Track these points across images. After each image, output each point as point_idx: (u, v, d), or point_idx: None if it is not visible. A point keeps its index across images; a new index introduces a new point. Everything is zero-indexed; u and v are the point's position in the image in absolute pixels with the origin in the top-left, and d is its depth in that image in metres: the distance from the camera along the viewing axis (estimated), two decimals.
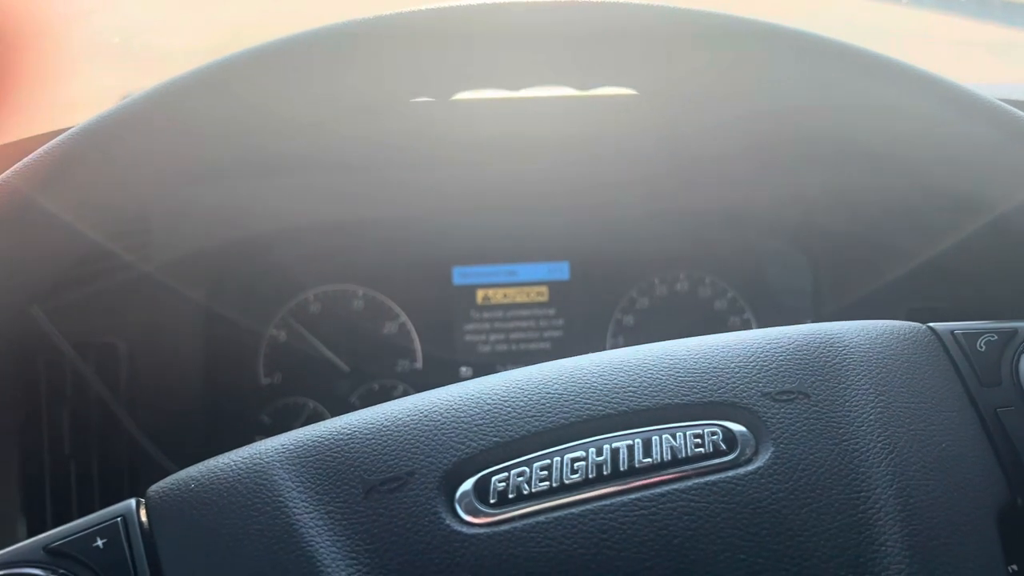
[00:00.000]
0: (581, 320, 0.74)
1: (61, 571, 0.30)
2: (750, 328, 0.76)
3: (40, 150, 0.38)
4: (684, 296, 0.75)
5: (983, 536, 0.31)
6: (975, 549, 0.31)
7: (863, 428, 0.33)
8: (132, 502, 0.32)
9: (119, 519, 0.31)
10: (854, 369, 0.35)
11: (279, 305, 0.71)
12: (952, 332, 0.37)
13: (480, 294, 0.73)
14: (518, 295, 0.74)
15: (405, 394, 0.72)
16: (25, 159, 0.38)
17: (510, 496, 0.31)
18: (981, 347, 0.37)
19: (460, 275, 0.73)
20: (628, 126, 0.65)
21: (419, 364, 0.73)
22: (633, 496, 0.31)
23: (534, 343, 0.74)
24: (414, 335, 0.73)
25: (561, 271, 0.74)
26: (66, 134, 0.39)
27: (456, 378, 0.74)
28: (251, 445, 0.34)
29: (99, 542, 0.31)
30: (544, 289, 0.74)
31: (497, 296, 0.74)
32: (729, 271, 0.75)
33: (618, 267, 0.74)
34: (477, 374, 0.74)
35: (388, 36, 0.43)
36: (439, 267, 0.73)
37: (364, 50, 0.44)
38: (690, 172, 0.69)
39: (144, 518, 0.32)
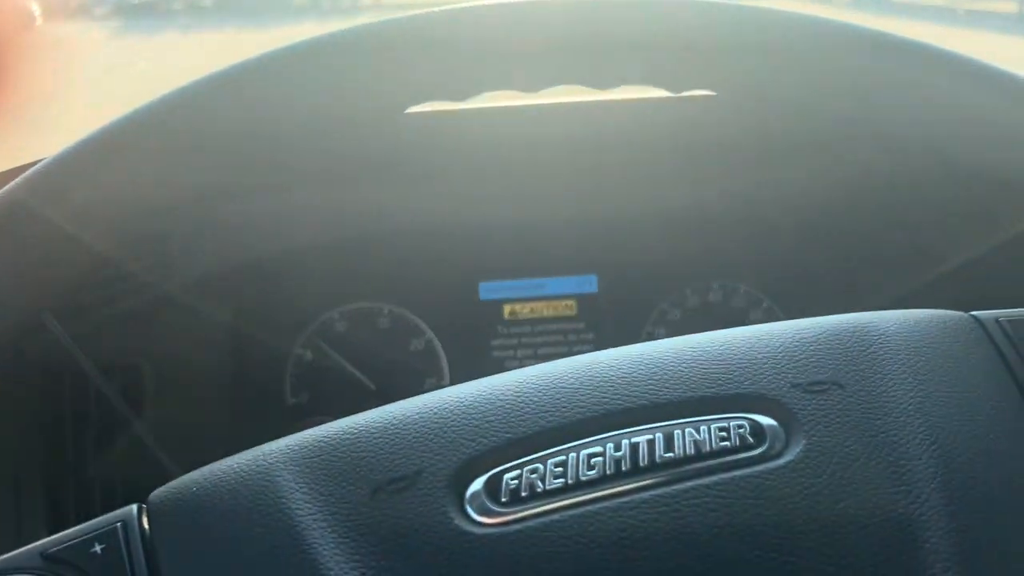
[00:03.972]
0: (611, 334, 0.72)
1: None
2: None
3: (44, 162, 0.38)
4: (717, 307, 0.73)
5: None
6: None
7: (902, 419, 0.31)
8: (133, 507, 0.31)
9: (119, 524, 0.30)
10: (891, 359, 0.33)
11: (305, 324, 0.70)
12: (997, 320, 0.35)
13: (507, 309, 0.72)
14: (546, 309, 0.72)
15: None
16: (29, 171, 0.38)
17: (523, 494, 0.29)
18: None
19: (486, 290, 0.72)
20: (651, 132, 0.64)
21: (446, 381, 0.71)
22: (654, 492, 0.29)
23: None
24: (441, 352, 0.71)
25: (589, 284, 0.72)
26: (69, 146, 0.39)
27: None
28: (255, 448, 0.33)
29: (97, 548, 0.30)
30: (572, 303, 0.72)
31: (524, 311, 0.72)
32: (764, 280, 0.73)
33: (648, 279, 0.72)
34: None
35: (420, 36, 0.42)
36: (465, 282, 0.71)
37: (380, 52, 0.43)
38: (720, 178, 0.67)
39: (146, 523, 0.31)
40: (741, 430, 0.30)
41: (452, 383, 0.71)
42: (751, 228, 0.71)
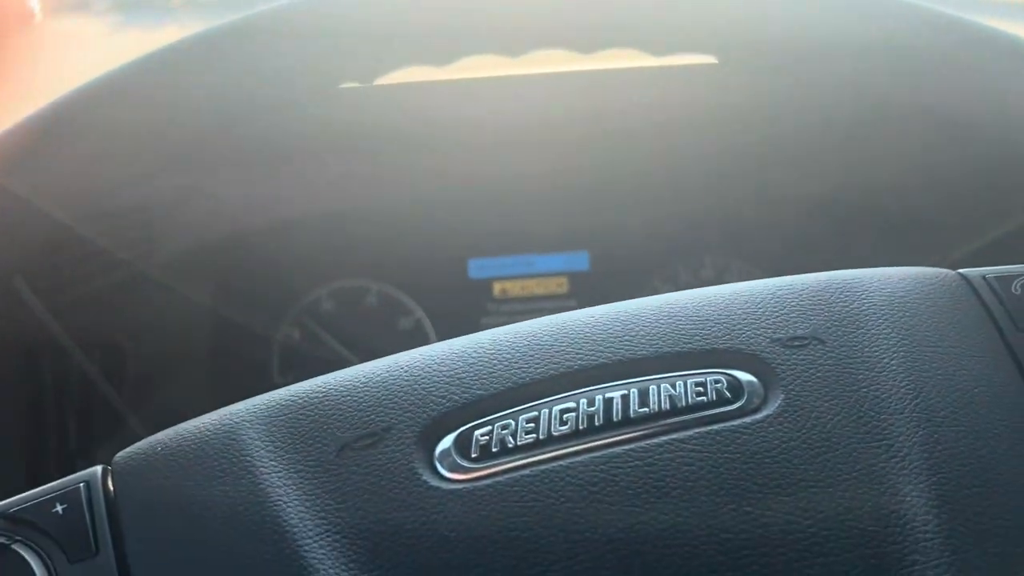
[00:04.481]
0: None
1: (17, 537, 0.28)
2: None
3: (2, 132, 0.38)
4: (710, 283, 0.72)
5: (1016, 488, 0.28)
6: (1006, 501, 0.27)
7: (884, 374, 0.30)
8: (98, 468, 0.31)
9: (82, 484, 0.30)
10: (875, 314, 0.32)
11: (292, 302, 0.70)
12: (984, 277, 0.34)
13: (497, 287, 0.71)
14: (536, 287, 0.71)
15: None
16: None
17: (493, 450, 0.29)
18: (1016, 290, 0.33)
19: (476, 268, 0.71)
20: (643, 104, 0.63)
21: None
22: (627, 447, 0.28)
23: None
24: (430, 331, 0.71)
25: (581, 261, 0.71)
26: (26, 116, 0.38)
27: None
28: (222, 409, 0.32)
29: (58, 508, 0.29)
30: (564, 280, 0.71)
31: (515, 289, 0.71)
32: (757, 256, 0.72)
33: (640, 256, 0.71)
34: None
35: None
36: (454, 260, 0.71)
37: (353, 17, 0.42)
38: (713, 153, 0.66)
39: (111, 484, 0.30)
40: (718, 385, 0.30)
41: None
42: (745, 203, 0.70)
